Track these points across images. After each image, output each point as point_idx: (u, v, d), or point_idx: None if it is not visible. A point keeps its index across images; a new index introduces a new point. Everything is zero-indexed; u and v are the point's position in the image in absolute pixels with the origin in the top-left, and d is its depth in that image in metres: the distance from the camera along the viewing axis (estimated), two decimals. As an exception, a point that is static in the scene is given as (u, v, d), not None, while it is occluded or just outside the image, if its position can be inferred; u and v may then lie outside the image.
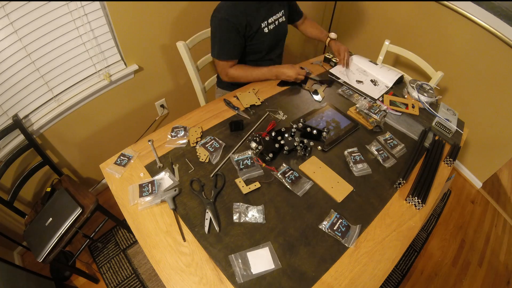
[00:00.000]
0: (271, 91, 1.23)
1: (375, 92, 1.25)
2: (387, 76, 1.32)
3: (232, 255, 0.72)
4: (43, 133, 1.38)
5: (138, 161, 0.93)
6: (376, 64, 1.38)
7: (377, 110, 1.12)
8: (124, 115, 1.69)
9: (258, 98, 1.15)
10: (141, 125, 1.83)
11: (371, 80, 1.32)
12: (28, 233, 1.18)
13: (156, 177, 0.88)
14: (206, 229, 0.77)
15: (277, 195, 0.86)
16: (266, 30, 1.17)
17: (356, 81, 1.31)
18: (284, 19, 1.25)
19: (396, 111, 1.18)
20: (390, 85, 1.29)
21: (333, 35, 1.39)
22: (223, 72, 1.21)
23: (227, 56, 1.16)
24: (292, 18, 1.41)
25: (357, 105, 1.14)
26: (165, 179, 0.87)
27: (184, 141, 0.99)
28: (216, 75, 1.47)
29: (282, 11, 1.23)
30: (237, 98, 1.16)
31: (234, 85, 1.37)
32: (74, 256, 1.37)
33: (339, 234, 0.77)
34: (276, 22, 1.21)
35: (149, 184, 0.86)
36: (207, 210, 0.79)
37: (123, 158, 0.93)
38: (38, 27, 1.15)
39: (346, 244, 0.76)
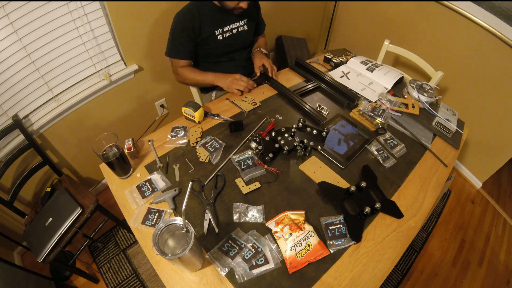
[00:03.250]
0: (269, 93, 1.23)
1: (374, 95, 1.25)
2: (386, 79, 1.32)
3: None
4: (43, 133, 1.38)
5: (138, 161, 0.93)
6: (376, 67, 1.38)
7: (380, 112, 1.12)
8: (124, 115, 1.69)
9: (254, 103, 1.14)
10: (141, 125, 1.83)
11: (369, 83, 1.32)
12: (28, 233, 1.18)
13: (152, 176, 0.88)
14: (205, 229, 0.77)
15: (277, 195, 0.86)
16: (220, 37, 1.20)
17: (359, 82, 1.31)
18: (245, 29, 1.25)
19: (396, 111, 1.18)
20: (389, 87, 1.29)
21: (264, 50, 1.36)
22: (174, 70, 1.26)
23: (176, 55, 1.20)
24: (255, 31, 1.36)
25: (360, 108, 1.14)
26: (158, 180, 0.87)
27: (184, 141, 0.99)
28: None
29: (245, 20, 1.24)
30: (231, 101, 1.15)
31: (210, 89, 1.41)
32: (74, 256, 1.37)
33: (330, 235, 0.77)
34: (234, 31, 1.22)
35: (147, 183, 0.86)
36: (206, 211, 0.80)
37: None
38: (38, 27, 1.15)
39: (329, 249, 0.75)
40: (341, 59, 1.44)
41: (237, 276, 0.69)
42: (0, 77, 1.13)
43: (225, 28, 1.19)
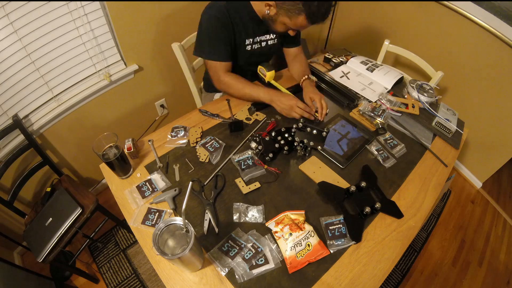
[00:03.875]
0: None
1: (373, 95, 1.25)
2: (386, 79, 1.32)
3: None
4: (43, 133, 1.38)
5: (138, 161, 0.93)
6: (376, 67, 1.38)
7: (380, 112, 1.12)
8: (124, 115, 1.69)
9: (250, 117, 1.09)
10: (141, 125, 1.83)
11: (369, 83, 1.32)
12: (28, 233, 1.18)
13: (152, 176, 0.88)
14: (205, 229, 0.77)
15: (277, 195, 0.86)
16: (248, 48, 1.10)
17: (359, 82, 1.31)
18: (275, 42, 1.16)
19: (396, 111, 1.17)
20: (389, 87, 1.29)
21: (312, 77, 1.22)
22: (216, 76, 1.09)
23: (219, 56, 1.05)
24: (286, 43, 1.26)
25: (360, 108, 1.14)
26: (158, 180, 0.87)
27: (184, 141, 0.99)
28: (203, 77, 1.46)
29: (276, 36, 1.15)
30: (228, 102, 1.12)
31: (215, 90, 1.35)
32: (74, 256, 1.37)
33: (330, 235, 0.77)
34: (263, 43, 1.13)
35: (147, 183, 0.86)
36: (206, 211, 0.80)
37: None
38: (38, 27, 1.15)
39: (329, 249, 0.75)
40: (341, 59, 1.44)
41: (237, 276, 0.69)
42: (0, 77, 1.14)
43: (256, 39, 1.10)
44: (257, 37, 1.11)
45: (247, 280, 0.69)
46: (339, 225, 0.79)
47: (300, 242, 0.73)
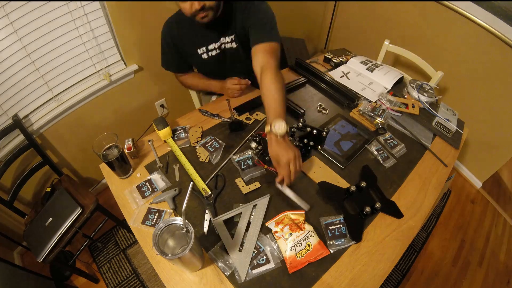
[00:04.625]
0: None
1: (373, 95, 1.25)
2: (386, 79, 1.32)
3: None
4: (43, 133, 1.38)
5: (138, 161, 0.93)
6: (376, 67, 1.38)
7: (380, 112, 1.12)
8: (124, 115, 1.69)
9: (251, 117, 1.09)
10: (141, 125, 1.83)
11: (369, 84, 1.32)
12: (28, 233, 1.18)
13: (152, 176, 0.88)
14: (206, 229, 0.77)
15: (277, 195, 0.86)
16: (204, 56, 1.07)
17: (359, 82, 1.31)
18: (234, 46, 1.05)
19: (396, 111, 1.18)
20: (389, 87, 1.29)
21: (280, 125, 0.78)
22: (177, 79, 1.26)
23: (169, 67, 1.19)
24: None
25: (360, 108, 1.14)
26: (158, 180, 0.87)
27: (185, 141, 0.99)
28: None
29: (233, 36, 1.03)
30: (228, 102, 1.13)
31: (211, 93, 1.38)
32: (74, 256, 1.37)
33: (330, 235, 0.77)
34: (221, 48, 1.06)
35: (147, 183, 0.86)
36: (206, 211, 0.80)
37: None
38: (38, 27, 1.15)
39: (329, 248, 0.75)
40: (341, 59, 1.44)
41: (237, 276, 0.69)
42: (0, 77, 1.13)
43: (210, 46, 1.05)
44: (211, 44, 1.05)
45: (248, 280, 0.69)
46: (339, 225, 0.79)
47: (300, 242, 0.73)
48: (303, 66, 1.36)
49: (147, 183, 0.86)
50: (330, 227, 0.78)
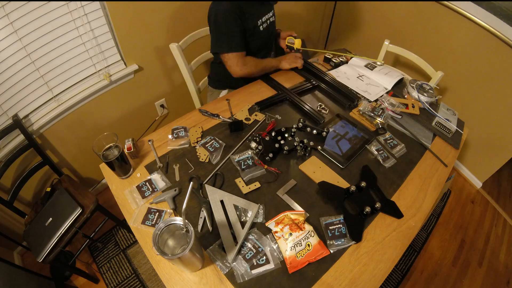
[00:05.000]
0: (269, 93, 1.23)
1: (372, 94, 1.25)
2: (386, 79, 1.32)
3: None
4: (43, 133, 1.38)
5: (138, 161, 0.93)
6: (375, 66, 1.38)
7: (380, 112, 1.12)
8: (124, 115, 1.69)
9: (250, 117, 1.09)
10: (141, 125, 1.83)
11: (369, 84, 1.32)
12: (28, 233, 1.18)
13: (152, 176, 0.88)
14: (199, 227, 0.77)
15: (277, 195, 0.86)
16: (261, 28, 1.19)
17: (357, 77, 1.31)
18: (273, 19, 1.27)
19: (397, 112, 1.17)
20: (390, 87, 1.29)
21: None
22: (239, 65, 1.16)
23: (239, 47, 1.13)
24: None
25: (360, 108, 1.14)
26: (158, 180, 0.87)
27: (185, 141, 0.99)
28: (208, 75, 1.48)
29: (272, 10, 1.25)
30: (228, 102, 1.14)
31: (227, 85, 1.39)
32: (74, 256, 1.37)
33: (330, 235, 0.77)
34: (268, 21, 1.23)
35: (147, 183, 0.86)
36: (202, 209, 0.80)
37: (123, 158, 0.93)
38: (38, 27, 1.15)
39: (329, 248, 0.75)
40: (341, 59, 1.44)
41: (236, 276, 0.69)
42: (0, 77, 1.13)
43: (263, 18, 1.19)
44: (264, 17, 1.20)
45: (247, 280, 0.69)
46: (339, 225, 0.79)
47: (300, 242, 0.73)
48: (305, 67, 1.36)
49: (147, 183, 0.86)
50: (330, 227, 0.78)
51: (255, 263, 0.71)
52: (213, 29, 1.12)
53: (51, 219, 1.17)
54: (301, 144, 0.94)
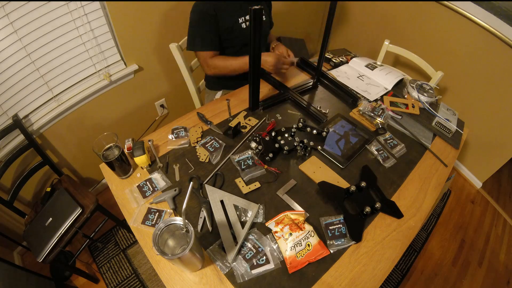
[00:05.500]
0: (269, 92, 1.23)
1: (372, 94, 1.25)
2: (386, 79, 1.32)
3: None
4: (43, 133, 1.38)
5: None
6: (376, 66, 1.38)
7: (380, 112, 1.12)
8: (124, 115, 1.69)
9: (246, 124, 1.07)
10: (141, 125, 1.83)
11: (369, 84, 1.32)
12: (28, 233, 1.18)
13: (152, 176, 0.88)
14: (199, 227, 0.77)
15: (277, 195, 0.86)
16: (243, 25, 1.19)
17: (357, 77, 1.31)
18: (264, 19, 1.25)
19: (396, 112, 1.17)
20: (390, 87, 1.29)
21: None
22: (205, 63, 1.20)
23: (210, 46, 1.16)
24: None
25: (360, 108, 1.14)
26: (158, 179, 0.87)
27: (185, 141, 0.99)
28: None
29: (260, 5, 1.25)
30: (228, 102, 1.14)
31: (221, 85, 1.39)
32: (74, 256, 1.37)
33: (330, 235, 0.77)
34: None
35: (147, 183, 0.86)
36: (202, 209, 0.80)
37: (123, 158, 0.93)
38: (38, 27, 1.15)
39: (329, 248, 0.75)
40: (341, 59, 1.44)
41: (236, 276, 0.69)
42: (0, 77, 1.13)
43: (247, 17, 1.18)
44: (248, 15, 1.17)
45: (247, 280, 0.69)
46: (339, 225, 0.79)
47: (300, 242, 0.73)
48: (307, 65, 1.36)
49: (147, 183, 0.86)
50: (330, 227, 0.78)
51: (255, 263, 0.71)
52: (189, 28, 1.16)
53: (51, 219, 1.17)
54: (301, 144, 0.94)
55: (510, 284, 1.58)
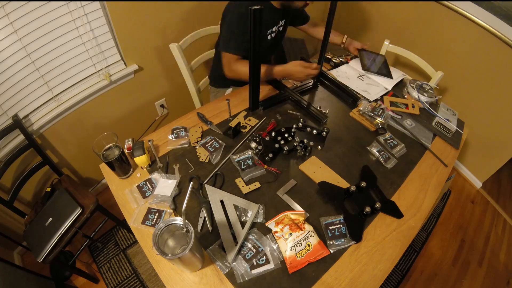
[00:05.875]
0: (270, 93, 1.23)
1: (372, 94, 1.25)
2: (387, 79, 1.32)
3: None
4: (43, 133, 1.38)
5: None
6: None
7: (380, 112, 1.12)
8: (124, 115, 1.69)
9: (246, 124, 1.07)
10: (141, 125, 1.83)
11: (369, 84, 1.32)
12: (28, 233, 1.18)
13: (152, 176, 0.88)
14: (199, 227, 0.77)
15: (277, 195, 0.86)
16: (269, 37, 1.21)
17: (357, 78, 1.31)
18: (283, 28, 1.28)
19: (396, 112, 1.17)
20: (390, 87, 1.29)
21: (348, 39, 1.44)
22: (229, 64, 1.19)
23: (242, 50, 1.15)
24: (295, 22, 1.43)
25: (360, 108, 1.14)
26: (158, 179, 0.87)
27: (185, 141, 0.99)
28: (208, 76, 1.48)
29: (284, 20, 1.25)
30: (228, 102, 1.14)
31: (232, 82, 1.36)
32: (74, 256, 1.37)
33: (330, 235, 0.77)
34: (277, 31, 1.24)
35: (147, 183, 0.86)
36: (202, 209, 0.80)
37: (123, 158, 0.93)
38: (38, 27, 1.15)
39: (329, 248, 0.75)
40: (341, 59, 1.44)
41: (236, 276, 0.69)
42: (0, 77, 1.13)
43: (274, 29, 1.20)
44: (274, 27, 1.20)
45: (247, 280, 0.69)
46: (339, 225, 0.79)
47: (300, 242, 0.73)
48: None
49: (147, 183, 0.86)
50: (330, 227, 0.78)
51: (255, 263, 0.71)
52: (224, 28, 1.14)
53: (51, 219, 1.17)
54: (301, 144, 0.94)
55: (510, 284, 1.58)
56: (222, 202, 0.82)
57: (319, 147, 0.98)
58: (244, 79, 1.20)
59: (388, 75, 1.34)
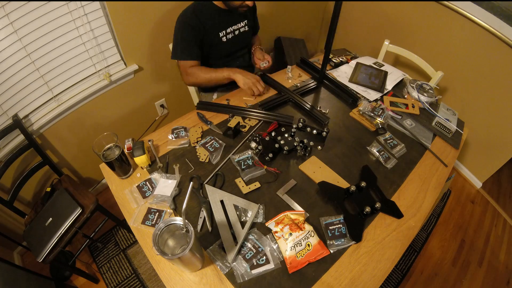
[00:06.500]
0: (270, 93, 1.23)
1: (372, 95, 1.25)
2: (387, 79, 1.32)
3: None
4: (43, 133, 1.38)
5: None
6: (378, 67, 1.38)
7: (380, 112, 1.12)
8: (124, 115, 1.69)
9: (245, 123, 1.07)
10: (141, 125, 1.83)
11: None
12: (28, 233, 1.18)
13: (152, 176, 0.88)
14: (199, 227, 0.77)
15: (277, 195, 0.86)
16: (224, 39, 1.22)
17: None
18: (246, 29, 1.29)
19: (396, 112, 1.17)
20: (390, 87, 1.29)
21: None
22: (183, 72, 1.22)
23: (186, 56, 1.18)
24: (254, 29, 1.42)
25: (360, 108, 1.14)
26: (158, 180, 0.87)
27: (185, 141, 0.99)
28: None
29: (245, 21, 1.27)
30: (228, 102, 1.15)
31: (212, 88, 1.41)
32: (74, 256, 1.37)
33: (330, 235, 0.77)
34: (236, 32, 1.25)
35: (147, 183, 0.86)
36: (202, 209, 0.80)
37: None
38: (38, 27, 1.15)
39: (329, 248, 0.75)
40: (341, 59, 1.44)
41: (236, 276, 0.69)
42: (0, 77, 1.13)
43: (228, 30, 1.22)
44: (229, 28, 1.22)
45: (247, 280, 0.69)
46: (339, 225, 0.79)
47: (300, 242, 0.73)
48: (308, 65, 1.36)
49: (147, 183, 0.86)
50: (330, 227, 0.78)
51: (255, 263, 0.71)
52: (174, 37, 1.18)
53: (51, 219, 1.17)
54: (301, 144, 0.94)
55: (510, 284, 1.58)
56: (222, 202, 0.82)
57: (319, 147, 0.98)
58: (202, 84, 1.26)
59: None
